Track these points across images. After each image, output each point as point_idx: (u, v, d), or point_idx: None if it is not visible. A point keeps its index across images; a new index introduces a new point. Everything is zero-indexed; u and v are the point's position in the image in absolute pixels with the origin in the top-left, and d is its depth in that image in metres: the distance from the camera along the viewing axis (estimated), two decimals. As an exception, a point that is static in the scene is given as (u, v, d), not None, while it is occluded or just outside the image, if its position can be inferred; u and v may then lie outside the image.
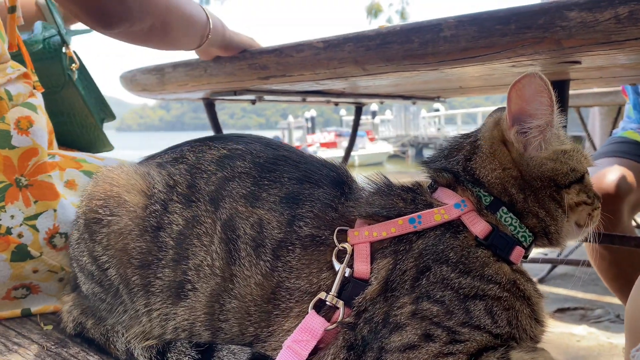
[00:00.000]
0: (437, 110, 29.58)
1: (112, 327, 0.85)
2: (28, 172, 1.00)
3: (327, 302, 0.71)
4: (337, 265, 0.73)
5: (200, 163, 0.84)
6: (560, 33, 0.84)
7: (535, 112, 0.75)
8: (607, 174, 1.83)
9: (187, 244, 0.78)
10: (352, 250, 0.73)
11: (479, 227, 0.74)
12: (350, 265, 0.73)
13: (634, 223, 2.27)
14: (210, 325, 0.77)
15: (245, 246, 0.76)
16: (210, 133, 1.91)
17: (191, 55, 1.47)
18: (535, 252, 0.84)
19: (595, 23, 0.81)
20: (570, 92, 1.56)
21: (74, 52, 1.35)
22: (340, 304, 0.71)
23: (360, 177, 0.85)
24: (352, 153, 3.57)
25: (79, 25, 1.44)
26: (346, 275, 0.72)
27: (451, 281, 0.69)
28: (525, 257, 0.78)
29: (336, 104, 2.17)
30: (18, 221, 0.98)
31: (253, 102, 1.80)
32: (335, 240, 0.74)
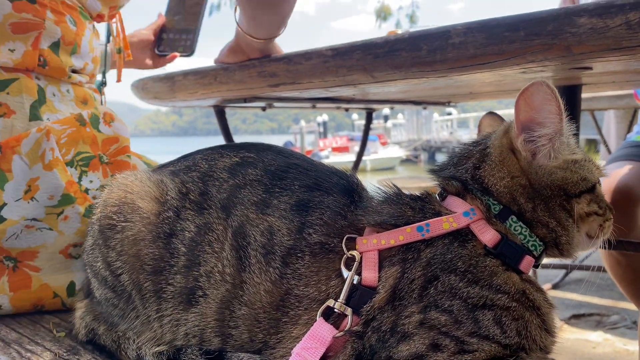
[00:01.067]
0: (450, 114, 29.42)
1: (123, 333, 0.86)
2: (109, 153, 1.18)
3: (335, 310, 0.71)
4: (345, 273, 0.73)
5: (212, 171, 0.85)
6: (569, 39, 0.83)
7: (543, 120, 0.75)
8: (622, 178, 1.81)
9: (198, 251, 0.79)
10: (361, 257, 0.73)
11: (487, 235, 0.73)
12: (359, 272, 0.73)
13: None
14: (221, 332, 0.77)
15: (255, 253, 0.77)
16: (221, 139, 1.93)
17: (201, 63, 1.48)
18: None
19: (606, 29, 0.80)
20: (584, 95, 1.54)
21: None
22: (349, 311, 0.71)
23: (371, 185, 0.85)
24: (364, 158, 3.57)
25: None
26: (355, 282, 0.72)
27: (459, 290, 0.69)
28: (536, 265, 0.77)
29: (347, 109, 2.17)
30: (95, 186, 1.12)
31: (263, 108, 1.81)
32: (344, 248, 0.74)
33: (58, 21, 1.12)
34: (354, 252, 0.74)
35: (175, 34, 1.72)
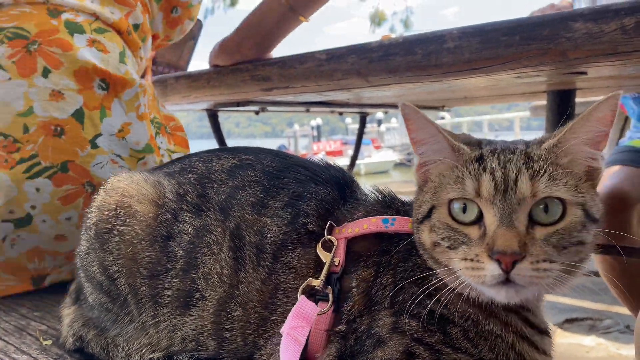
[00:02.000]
0: (443, 118, 29.50)
1: (112, 339, 0.85)
2: (170, 128, 1.39)
3: (315, 287, 0.71)
4: (321, 255, 0.74)
5: (210, 173, 0.85)
6: (565, 44, 0.83)
7: (421, 139, 0.72)
8: (616, 182, 1.81)
9: (196, 253, 0.79)
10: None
11: None
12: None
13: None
14: (217, 335, 0.77)
15: (249, 253, 0.77)
16: (215, 142, 1.91)
17: (195, 67, 1.47)
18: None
19: (601, 34, 0.80)
20: (578, 100, 1.54)
21: None
22: (329, 289, 0.71)
23: (368, 185, 0.85)
24: (358, 161, 3.56)
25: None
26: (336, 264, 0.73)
27: (423, 301, 0.68)
28: None
29: (341, 113, 2.16)
30: (164, 147, 1.34)
31: (257, 112, 1.80)
32: (325, 232, 0.75)
33: (143, 12, 1.37)
34: (332, 238, 0.75)
35: (165, 67, 1.78)
